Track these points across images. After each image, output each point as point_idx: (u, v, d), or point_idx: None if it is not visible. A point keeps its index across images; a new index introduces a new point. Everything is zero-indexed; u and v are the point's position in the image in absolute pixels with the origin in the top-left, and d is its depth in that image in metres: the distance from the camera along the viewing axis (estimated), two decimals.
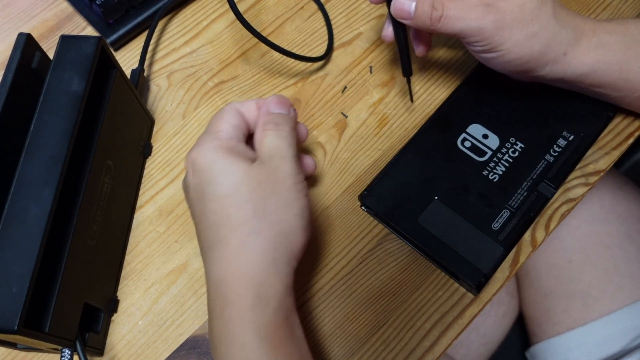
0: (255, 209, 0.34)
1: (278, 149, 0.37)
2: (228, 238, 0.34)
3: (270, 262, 0.34)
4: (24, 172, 0.34)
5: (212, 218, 0.35)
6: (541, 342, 0.65)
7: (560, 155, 0.46)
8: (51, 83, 0.37)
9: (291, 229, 0.35)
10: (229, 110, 0.39)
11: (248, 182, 0.35)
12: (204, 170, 0.36)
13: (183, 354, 0.42)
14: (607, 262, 0.62)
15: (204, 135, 0.38)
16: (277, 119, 0.38)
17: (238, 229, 0.34)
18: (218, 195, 0.35)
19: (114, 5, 0.52)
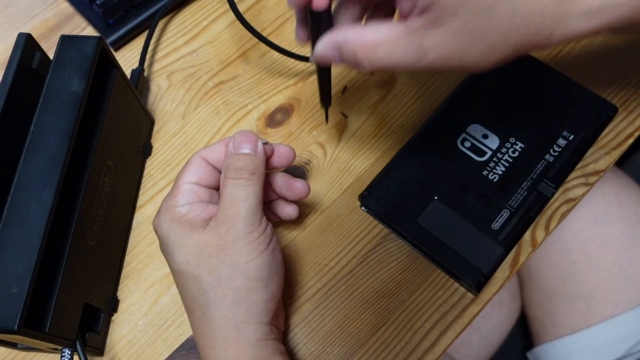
0: (208, 281, 0.35)
1: (231, 206, 0.35)
2: (192, 308, 0.36)
3: (231, 327, 0.35)
4: (24, 172, 0.34)
5: (179, 288, 0.37)
6: (543, 344, 0.65)
7: (560, 155, 0.46)
8: (51, 83, 0.37)
9: (246, 293, 0.35)
10: (191, 164, 0.39)
11: (198, 256, 0.35)
12: (162, 242, 0.37)
13: (183, 354, 0.42)
14: (611, 265, 0.62)
15: (165, 200, 0.38)
16: (237, 162, 0.37)
17: (197, 301, 0.36)
18: (176, 269, 0.36)
19: (114, 5, 0.52)
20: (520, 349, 0.73)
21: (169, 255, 0.37)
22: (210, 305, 0.35)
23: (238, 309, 0.35)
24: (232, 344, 0.35)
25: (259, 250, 0.35)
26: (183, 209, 0.37)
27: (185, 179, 0.38)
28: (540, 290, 0.66)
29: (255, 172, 0.36)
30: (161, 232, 0.37)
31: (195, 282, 0.35)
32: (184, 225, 0.36)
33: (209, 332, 0.35)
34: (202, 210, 0.37)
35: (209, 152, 0.39)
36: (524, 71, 0.50)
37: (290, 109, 0.51)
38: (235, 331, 0.35)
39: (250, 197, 0.36)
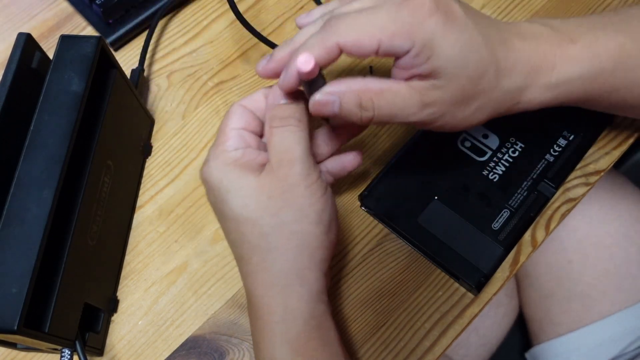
0: (270, 224, 0.34)
1: (285, 150, 0.34)
2: (249, 255, 0.34)
3: (295, 274, 0.34)
4: (24, 172, 0.34)
5: (232, 236, 0.35)
6: (541, 344, 0.65)
7: (561, 155, 0.46)
8: (51, 83, 0.37)
9: (310, 238, 0.34)
10: (234, 112, 0.37)
11: (257, 199, 0.34)
12: (215, 189, 0.35)
13: (183, 354, 0.42)
14: (606, 263, 0.62)
15: (212, 148, 0.37)
16: (282, 111, 0.36)
17: (256, 246, 0.34)
18: (231, 215, 0.34)
19: (114, 5, 0.52)
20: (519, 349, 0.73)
21: (222, 202, 0.35)
22: (272, 250, 0.34)
23: (302, 254, 0.34)
24: (293, 293, 0.34)
25: (319, 193, 0.34)
26: (237, 153, 0.35)
27: (232, 125, 0.37)
28: (537, 290, 0.66)
29: (302, 119, 0.35)
30: (213, 179, 0.35)
31: (254, 226, 0.34)
32: (240, 168, 0.35)
33: (268, 279, 0.34)
34: (257, 156, 0.36)
35: (250, 101, 0.38)
36: None
37: None
38: (298, 278, 0.34)
39: (302, 141, 0.35)
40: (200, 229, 0.46)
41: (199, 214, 0.47)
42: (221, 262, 0.45)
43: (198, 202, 0.47)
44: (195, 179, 0.48)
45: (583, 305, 0.62)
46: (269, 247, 0.34)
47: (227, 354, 0.42)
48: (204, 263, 0.45)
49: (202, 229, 0.46)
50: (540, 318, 0.66)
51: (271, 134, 0.35)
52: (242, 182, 0.34)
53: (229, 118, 0.37)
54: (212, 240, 0.46)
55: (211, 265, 0.45)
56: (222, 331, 0.43)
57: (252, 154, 0.36)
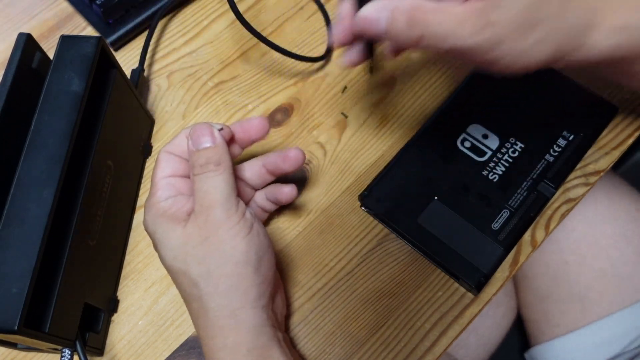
0: (199, 273, 0.35)
1: (204, 196, 0.36)
2: (188, 302, 0.37)
3: (229, 315, 0.35)
4: (24, 172, 0.34)
5: (177, 284, 0.37)
6: (540, 345, 0.65)
7: (561, 155, 0.46)
8: (51, 83, 0.37)
9: (239, 279, 0.35)
10: (161, 160, 0.39)
11: (184, 249, 0.35)
12: (152, 240, 0.38)
13: (183, 354, 0.42)
14: (603, 264, 0.62)
15: (147, 201, 0.39)
16: (200, 158, 0.36)
17: (191, 294, 0.36)
18: (166, 264, 0.37)
19: (114, 5, 0.52)
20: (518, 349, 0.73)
21: (159, 253, 0.37)
22: (203, 296, 0.35)
23: (233, 296, 0.35)
24: (230, 332, 0.35)
25: (242, 234, 0.35)
26: (166, 204, 0.37)
27: (160, 174, 0.38)
28: (535, 291, 0.66)
29: (220, 161, 0.36)
30: (149, 231, 0.38)
31: (185, 276, 0.36)
32: (168, 220, 0.36)
33: (207, 323, 0.35)
34: (185, 204, 0.37)
35: (173, 147, 0.39)
36: None
37: (290, 109, 0.51)
38: (232, 318, 0.35)
39: (221, 185, 0.36)
40: None
41: None
42: None
43: None
44: None
45: (581, 306, 0.62)
46: (201, 294, 0.35)
47: None
48: None
49: None
50: (538, 319, 0.66)
51: (193, 182, 0.37)
52: (170, 234, 0.36)
53: (157, 167, 0.39)
54: None
55: None
56: None
57: (180, 202, 0.37)
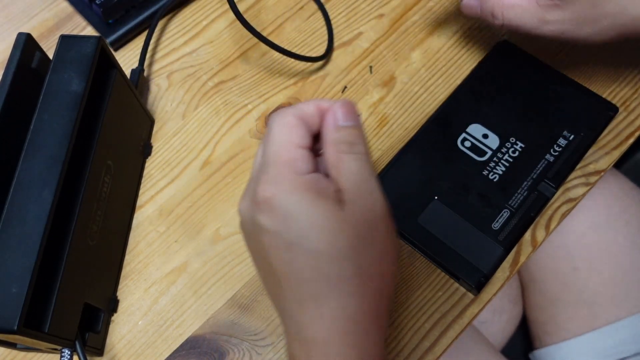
0: (355, 265, 0.29)
1: (362, 181, 0.30)
2: (326, 297, 0.29)
3: (372, 320, 0.30)
4: (23, 172, 0.34)
5: (305, 274, 0.29)
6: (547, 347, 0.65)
7: (561, 155, 0.46)
8: (51, 83, 0.37)
9: (388, 279, 0.31)
10: (292, 125, 0.31)
11: (344, 236, 0.29)
12: (289, 218, 0.29)
13: (183, 354, 0.42)
14: (613, 270, 0.62)
15: (277, 167, 0.30)
16: (349, 136, 0.31)
17: (336, 288, 0.29)
18: (312, 250, 0.29)
19: (114, 5, 0.52)
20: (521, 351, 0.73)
21: (301, 237, 0.29)
22: (354, 294, 0.29)
23: (381, 298, 0.30)
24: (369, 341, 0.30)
25: (394, 230, 0.32)
26: (311, 178, 0.30)
27: (295, 141, 0.31)
28: (543, 295, 0.66)
29: (367, 148, 0.32)
30: (288, 206, 0.29)
31: (340, 266, 0.29)
32: (321, 198, 0.29)
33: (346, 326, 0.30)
34: (328, 183, 0.31)
35: (301, 113, 0.32)
36: (524, 71, 0.50)
37: None
38: (375, 324, 0.30)
39: (372, 172, 0.31)
40: (200, 229, 0.46)
41: (199, 214, 0.47)
42: (221, 262, 0.45)
43: (198, 202, 0.47)
44: (195, 179, 0.48)
45: (589, 311, 0.62)
46: (351, 290, 0.29)
47: (227, 354, 0.42)
48: (204, 263, 0.45)
49: (202, 229, 0.46)
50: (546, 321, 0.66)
51: (340, 160, 0.31)
52: (326, 215, 0.29)
53: (290, 132, 0.31)
54: (212, 240, 0.46)
55: (211, 265, 0.45)
56: (222, 331, 0.43)
57: (324, 182, 0.30)
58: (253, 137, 0.50)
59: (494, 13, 0.43)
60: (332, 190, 0.30)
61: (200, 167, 0.48)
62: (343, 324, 0.30)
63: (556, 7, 0.40)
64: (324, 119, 0.32)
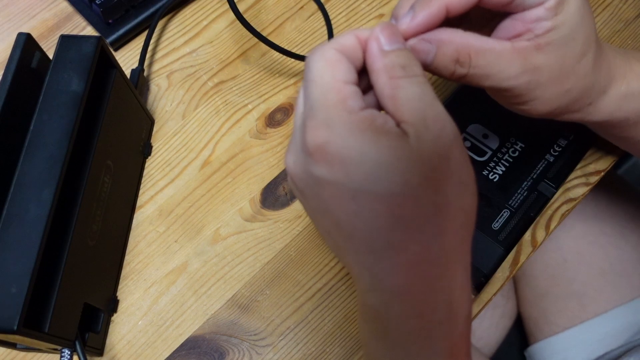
0: (433, 203, 0.26)
1: (426, 106, 0.26)
2: (404, 243, 0.26)
3: (458, 261, 0.28)
4: (23, 172, 0.34)
5: (377, 222, 0.26)
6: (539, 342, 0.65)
7: (561, 155, 0.46)
8: (51, 83, 0.37)
9: (471, 213, 0.28)
10: (335, 60, 0.27)
11: (416, 172, 0.25)
12: (350, 163, 0.25)
13: (183, 354, 0.42)
14: (602, 262, 0.62)
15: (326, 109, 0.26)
16: (400, 58, 0.27)
17: (416, 231, 0.26)
18: (382, 195, 0.25)
19: (114, 5, 0.52)
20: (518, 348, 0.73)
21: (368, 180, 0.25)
22: (438, 236, 0.26)
23: (466, 236, 0.28)
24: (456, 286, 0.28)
25: (468, 157, 0.28)
26: (366, 114, 0.26)
27: (342, 77, 0.27)
28: (533, 289, 0.66)
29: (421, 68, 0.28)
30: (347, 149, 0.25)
31: (417, 206, 0.26)
32: (384, 134, 0.26)
33: (430, 271, 0.27)
34: (387, 117, 0.27)
35: (341, 46, 0.28)
36: None
37: (290, 108, 0.51)
38: (461, 266, 0.28)
39: (433, 94, 0.27)
40: (200, 229, 0.46)
41: (199, 214, 0.47)
42: (221, 262, 0.45)
43: (198, 202, 0.47)
44: (195, 179, 0.48)
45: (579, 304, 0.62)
46: (433, 231, 0.26)
47: (227, 354, 0.42)
48: (203, 263, 0.45)
49: (202, 229, 0.46)
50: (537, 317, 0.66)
51: (396, 86, 0.27)
52: (394, 152, 0.25)
53: (334, 69, 0.27)
54: (212, 240, 0.46)
55: (211, 265, 0.45)
56: (222, 331, 0.43)
57: (382, 115, 0.27)
58: (253, 137, 0.50)
59: (459, 59, 0.31)
60: (393, 124, 0.26)
61: (200, 167, 0.48)
62: (426, 269, 0.27)
63: (538, 50, 0.32)
64: (367, 49, 0.28)
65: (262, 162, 0.49)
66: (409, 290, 0.27)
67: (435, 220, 0.26)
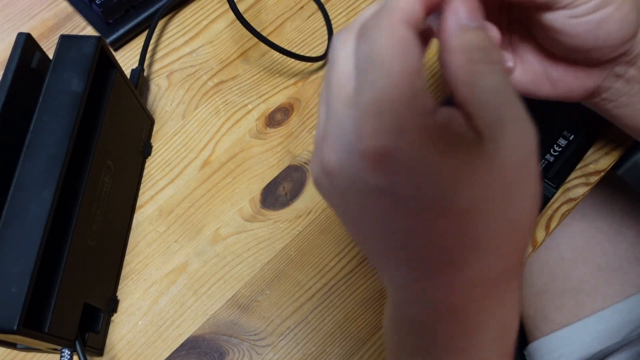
0: (505, 219, 0.23)
1: (508, 103, 0.23)
2: (467, 261, 0.24)
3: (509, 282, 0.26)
4: (23, 172, 0.34)
5: (443, 241, 0.23)
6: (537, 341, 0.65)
7: (561, 155, 0.46)
8: (51, 83, 0.37)
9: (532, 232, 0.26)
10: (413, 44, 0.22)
11: (493, 185, 0.22)
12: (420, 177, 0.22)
13: (183, 354, 0.42)
14: (598, 259, 0.63)
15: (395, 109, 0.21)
16: (481, 40, 0.23)
17: (482, 250, 0.23)
18: (455, 210, 0.22)
19: (114, 5, 0.52)
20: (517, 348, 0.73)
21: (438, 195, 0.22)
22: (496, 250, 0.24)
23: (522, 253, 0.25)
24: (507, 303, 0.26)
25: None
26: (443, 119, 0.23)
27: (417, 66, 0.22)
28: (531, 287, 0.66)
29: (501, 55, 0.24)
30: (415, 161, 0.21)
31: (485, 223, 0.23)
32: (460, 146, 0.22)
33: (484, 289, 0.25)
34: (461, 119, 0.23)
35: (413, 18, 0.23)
36: None
37: (290, 108, 0.51)
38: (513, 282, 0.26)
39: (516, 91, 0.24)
40: (200, 229, 0.46)
41: (199, 214, 0.47)
42: (221, 262, 0.45)
43: (198, 202, 0.47)
44: (195, 179, 0.48)
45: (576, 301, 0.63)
46: (499, 250, 0.24)
47: (227, 354, 0.42)
48: (203, 263, 0.45)
49: (202, 229, 0.46)
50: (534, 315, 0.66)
51: (475, 73, 0.23)
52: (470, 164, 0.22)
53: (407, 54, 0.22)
54: (212, 240, 0.46)
55: (211, 265, 0.45)
56: (222, 331, 0.43)
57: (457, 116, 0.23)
58: (253, 137, 0.50)
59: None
60: (469, 128, 0.23)
61: (200, 167, 0.48)
62: (486, 288, 0.25)
63: None
64: (443, 19, 0.24)
65: (262, 162, 0.49)
66: (464, 308, 0.25)
67: (503, 238, 0.23)
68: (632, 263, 0.62)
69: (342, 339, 0.42)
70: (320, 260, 0.45)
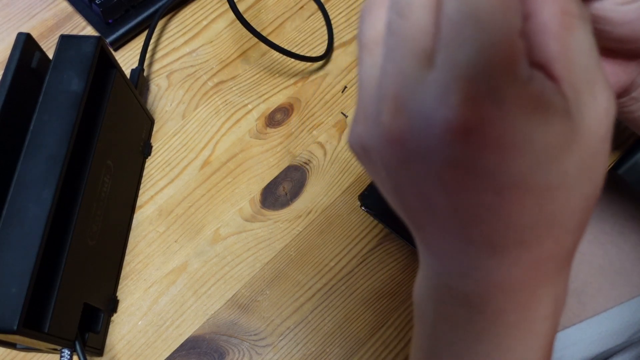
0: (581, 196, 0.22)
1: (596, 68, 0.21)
2: (541, 240, 0.22)
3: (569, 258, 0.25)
4: (23, 172, 0.34)
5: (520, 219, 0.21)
6: None
7: None
8: (51, 83, 0.37)
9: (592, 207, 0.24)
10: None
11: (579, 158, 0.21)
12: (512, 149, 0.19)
13: (183, 354, 0.42)
14: (601, 260, 0.63)
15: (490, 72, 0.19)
16: (576, 5, 0.21)
17: (559, 227, 0.22)
18: (539, 187, 0.21)
19: (114, 5, 0.52)
20: None
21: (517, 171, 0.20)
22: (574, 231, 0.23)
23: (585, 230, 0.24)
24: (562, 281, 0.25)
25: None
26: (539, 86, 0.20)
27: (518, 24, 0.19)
28: None
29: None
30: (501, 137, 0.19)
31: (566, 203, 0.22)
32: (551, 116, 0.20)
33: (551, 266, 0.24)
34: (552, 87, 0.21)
35: None
36: None
37: (290, 108, 0.51)
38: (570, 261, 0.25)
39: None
40: (200, 229, 0.46)
41: (199, 214, 0.47)
42: (221, 262, 0.45)
43: (198, 202, 0.47)
44: (195, 179, 0.48)
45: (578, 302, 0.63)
46: (569, 228, 0.22)
47: (227, 354, 0.42)
48: (203, 263, 0.45)
49: (202, 229, 0.46)
50: None
51: (569, 26, 0.20)
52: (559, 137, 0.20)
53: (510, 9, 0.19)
54: (212, 240, 0.46)
55: (211, 265, 0.45)
56: (222, 331, 0.43)
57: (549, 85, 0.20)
58: (253, 137, 0.50)
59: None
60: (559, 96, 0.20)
61: (200, 167, 0.48)
62: (550, 266, 0.23)
63: None
64: None
65: (262, 162, 0.49)
66: (524, 285, 0.24)
67: (576, 215, 0.22)
68: (635, 265, 0.62)
69: (342, 339, 0.42)
70: (320, 260, 0.45)
